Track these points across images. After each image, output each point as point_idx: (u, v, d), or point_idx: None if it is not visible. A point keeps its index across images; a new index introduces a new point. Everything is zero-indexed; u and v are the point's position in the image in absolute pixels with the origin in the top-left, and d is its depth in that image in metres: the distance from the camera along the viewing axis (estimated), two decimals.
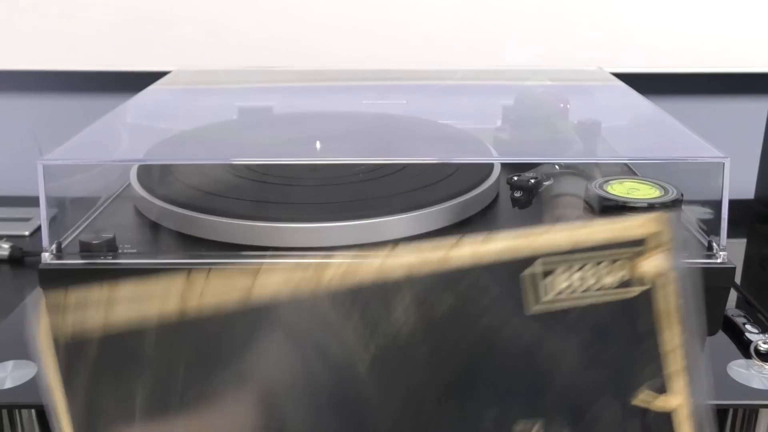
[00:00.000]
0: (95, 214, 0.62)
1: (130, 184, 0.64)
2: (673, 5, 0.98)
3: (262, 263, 0.54)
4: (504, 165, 0.67)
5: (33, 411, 0.56)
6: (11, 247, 0.81)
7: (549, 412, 0.38)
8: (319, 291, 0.37)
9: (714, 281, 0.54)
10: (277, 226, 0.56)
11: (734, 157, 0.54)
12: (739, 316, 0.63)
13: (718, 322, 0.55)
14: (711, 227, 0.56)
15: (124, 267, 0.53)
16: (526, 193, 0.63)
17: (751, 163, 0.98)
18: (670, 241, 0.36)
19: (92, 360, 0.35)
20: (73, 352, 0.35)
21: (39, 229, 0.77)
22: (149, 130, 0.74)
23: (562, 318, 0.37)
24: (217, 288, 0.37)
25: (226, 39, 1.00)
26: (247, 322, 0.37)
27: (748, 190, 0.99)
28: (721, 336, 0.61)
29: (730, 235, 0.54)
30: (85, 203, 0.62)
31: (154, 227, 0.60)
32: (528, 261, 0.36)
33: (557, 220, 0.56)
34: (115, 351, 0.35)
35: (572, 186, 0.64)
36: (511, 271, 0.37)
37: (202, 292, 0.36)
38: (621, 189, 0.57)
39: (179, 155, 0.68)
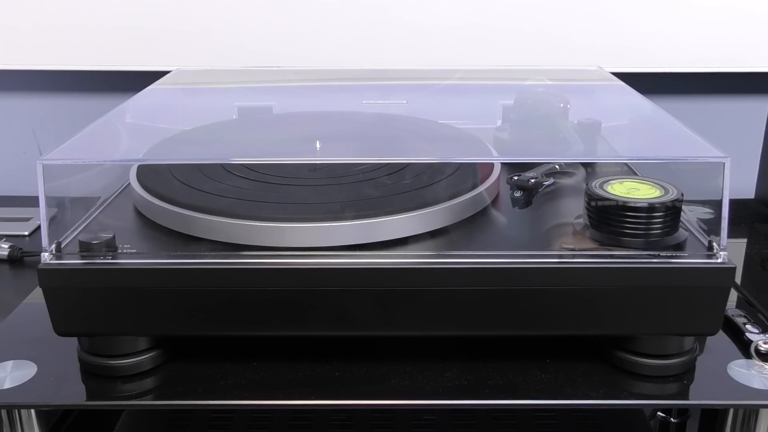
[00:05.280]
0: (95, 214, 0.62)
1: (129, 184, 0.64)
2: (673, 5, 0.98)
3: (262, 263, 0.54)
4: (504, 165, 0.67)
5: (32, 411, 0.57)
6: (11, 247, 0.81)
7: None
8: None
9: (714, 281, 0.54)
10: (277, 226, 0.56)
11: (734, 157, 0.54)
12: (739, 316, 0.63)
13: (718, 322, 0.55)
14: (711, 227, 0.56)
15: (124, 267, 0.53)
16: (526, 193, 0.63)
17: (751, 163, 0.98)
18: None
19: None
20: None
21: (39, 229, 0.77)
22: (149, 130, 0.74)
23: None
24: None
25: (226, 39, 1.00)
26: None
27: (748, 190, 0.99)
28: (721, 336, 0.61)
29: (730, 235, 0.54)
30: (84, 203, 0.62)
31: (154, 227, 0.60)
32: None
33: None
34: None
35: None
36: None
37: None
38: (621, 189, 0.57)
39: (179, 155, 0.68)
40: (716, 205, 0.55)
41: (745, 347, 0.59)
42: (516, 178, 0.64)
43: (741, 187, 0.97)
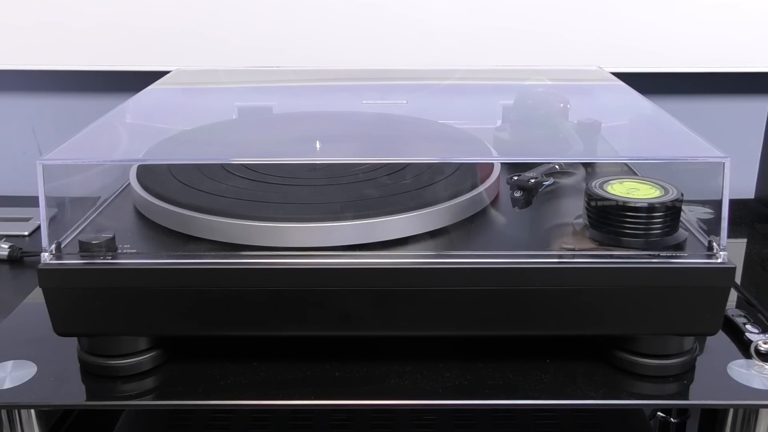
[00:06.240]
0: (95, 214, 0.62)
1: (129, 184, 0.64)
2: (673, 5, 0.98)
3: (262, 263, 0.54)
4: (504, 165, 0.67)
5: (32, 411, 0.57)
6: (11, 247, 0.81)
7: None
8: None
9: (714, 281, 0.54)
10: (277, 226, 0.56)
11: (734, 157, 0.54)
12: (739, 316, 0.63)
13: (718, 322, 0.55)
14: (711, 227, 0.56)
15: (124, 267, 0.53)
16: (526, 193, 0.63)
17: (751, 163, 0.98)
18: None
19: None
20: None
21: (39, 229, 0.77)
22: (149, 130, 0.74)
23: None
24: None
25: (226, 39, 1.00)
26: None
27: (748, 190, 0.99)
28: (721, 336, 0.61)
29: (730, 235, 0.54)
30: (84, 203, 0.62)
31: (154, 227, 0.60)
32: None
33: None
34: None
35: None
36: None
37: None
38: (621, 189, 0.57)
39: (179, 155, 0.68)
40: (716, 205, 0.55)
41: (745, 347, 0.59)
42: (516, 178, 0.64)
43: (741, 187, 0.97)
